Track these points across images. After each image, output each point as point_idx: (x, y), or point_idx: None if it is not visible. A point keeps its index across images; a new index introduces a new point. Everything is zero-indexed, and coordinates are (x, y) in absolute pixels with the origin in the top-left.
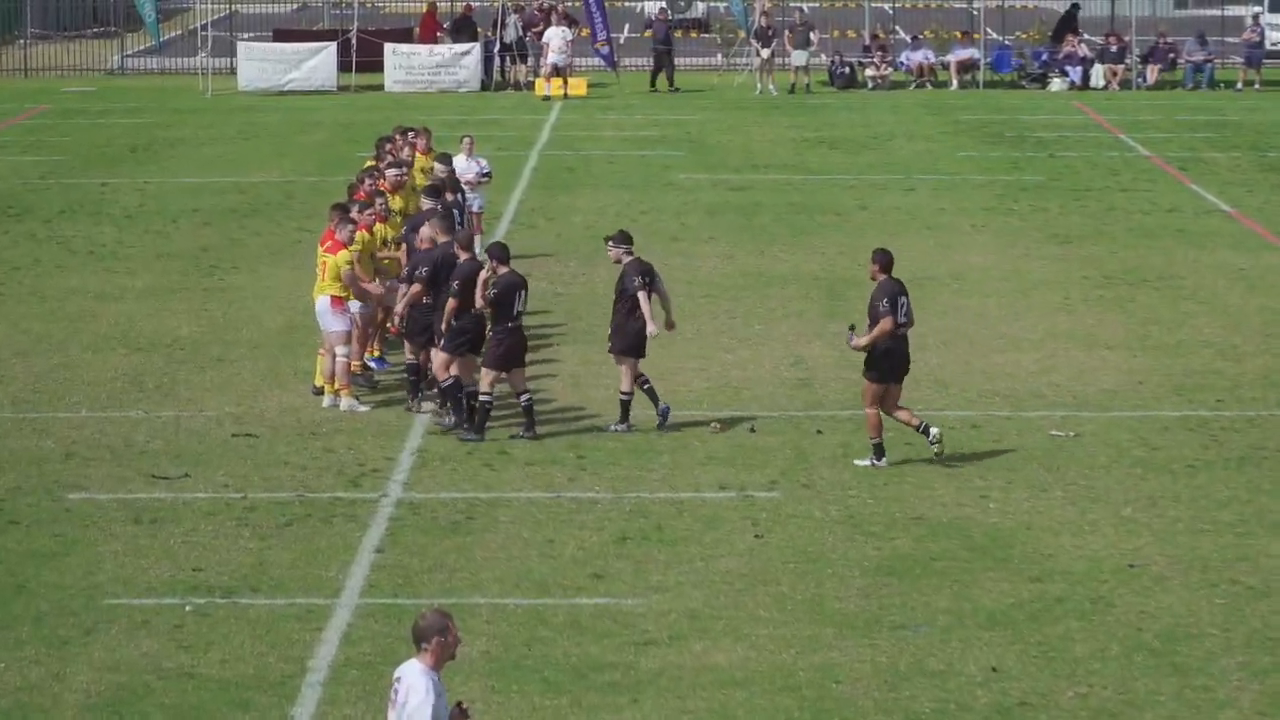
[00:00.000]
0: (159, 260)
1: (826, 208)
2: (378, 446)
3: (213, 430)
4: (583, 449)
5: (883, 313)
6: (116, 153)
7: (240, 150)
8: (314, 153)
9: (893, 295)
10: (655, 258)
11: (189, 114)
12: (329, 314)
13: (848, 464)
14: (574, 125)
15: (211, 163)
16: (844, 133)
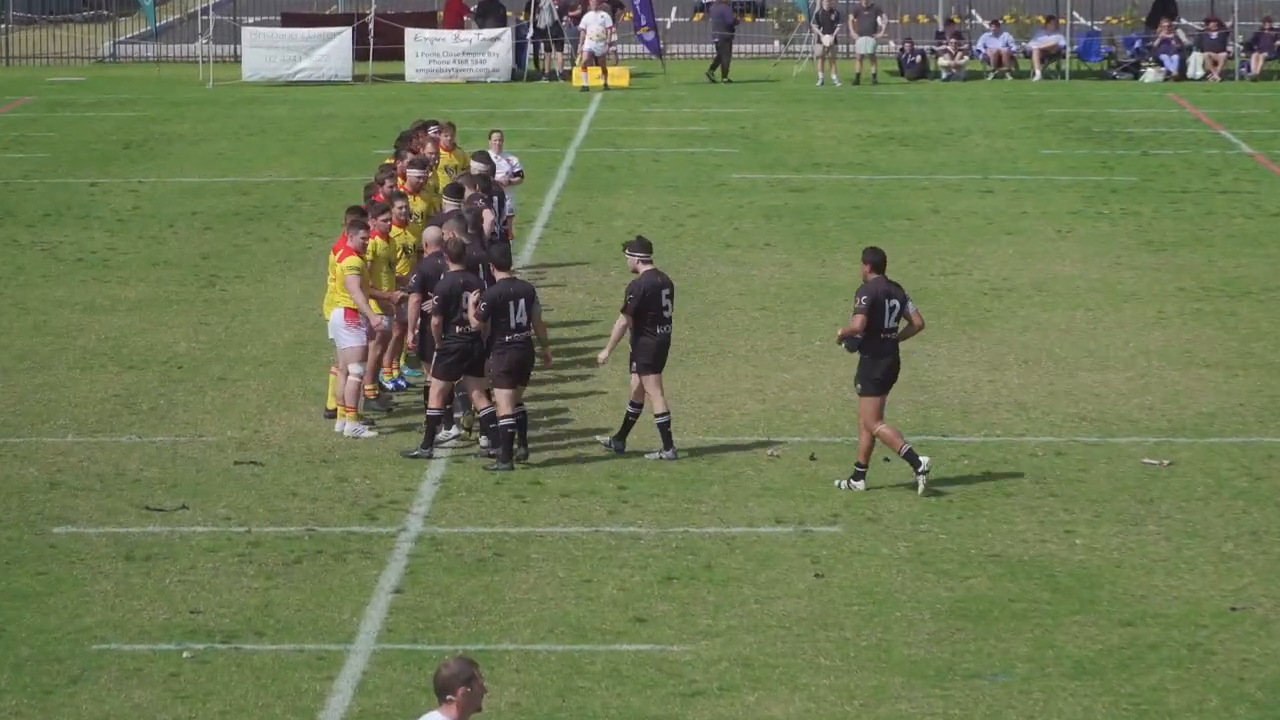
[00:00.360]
0: (154, 269)
1: (895, 211)
2: (396, 476)
3: (213, 457)
4: (624, 479)
5: (857, 310)
6: (108, 149)
7: (245, 147)
8: (326, 150)
9: (876, 295)
10: (705, 265)
11: (188, 107)
12: (343, 328)
13: (917, 495)
14: (615, 119)
15: (213, 161)
16: (915, 128)
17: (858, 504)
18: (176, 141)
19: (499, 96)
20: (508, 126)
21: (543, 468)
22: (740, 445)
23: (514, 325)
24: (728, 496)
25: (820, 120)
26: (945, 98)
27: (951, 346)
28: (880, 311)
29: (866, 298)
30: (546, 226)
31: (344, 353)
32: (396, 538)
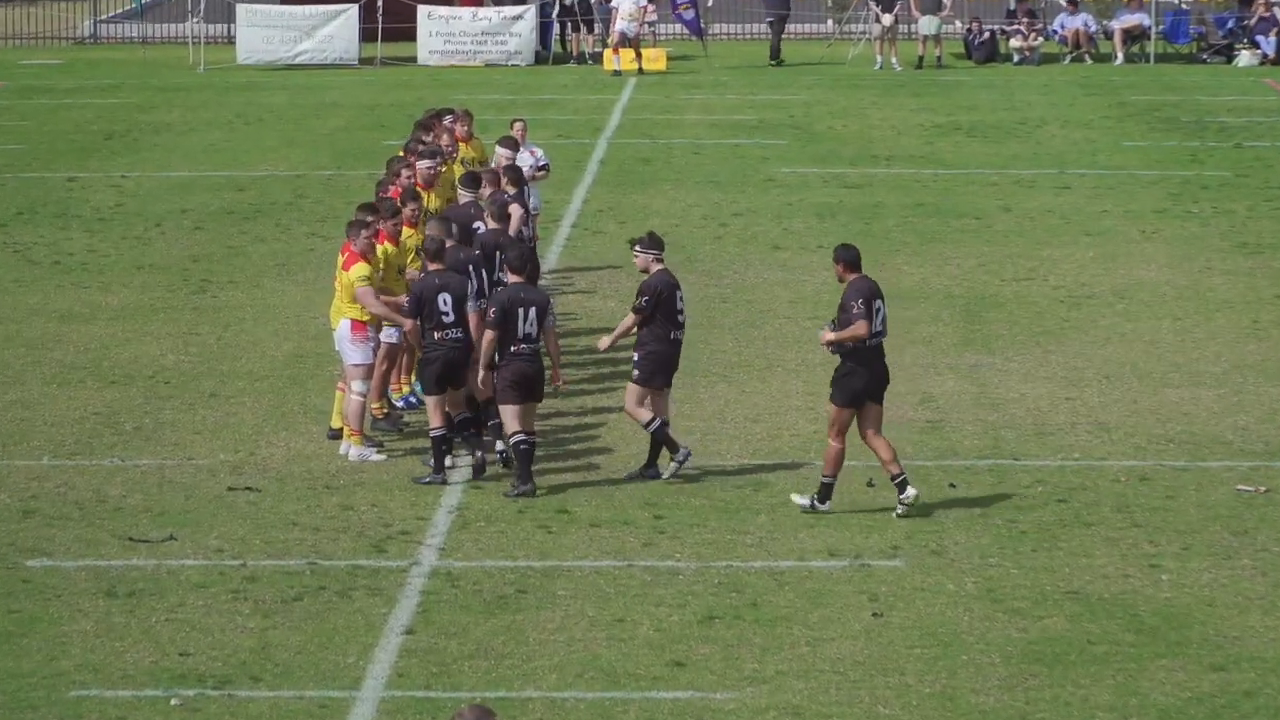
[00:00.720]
0: (139, 273)
1: (962, 209)
2: (407, 503)
3: (204, 483)
4: (661, 507)
5: (856, 315)
6: (88, 140)
7: (240, 138)
8: (330, 141)
9: (868, 296)
10: (752, 270)
11: (177, 93)
12: (349, 341)
13: (987, 525)
14: (651, 107)
15: (204, 153)
16: (983, 117)
17: (921, 534)
18: (164, 131)
19: (522, 81)
20: (531, 115)
21: (570, 495)
22: (790, 469)
23: (521, 335)
24: (776, 527)
25: (879, 108)
26: (1017, 83)
27: (1024, 360)
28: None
29: (863, 300)
30: (574, 226)
31: (349, 369)
32: (408, 572)
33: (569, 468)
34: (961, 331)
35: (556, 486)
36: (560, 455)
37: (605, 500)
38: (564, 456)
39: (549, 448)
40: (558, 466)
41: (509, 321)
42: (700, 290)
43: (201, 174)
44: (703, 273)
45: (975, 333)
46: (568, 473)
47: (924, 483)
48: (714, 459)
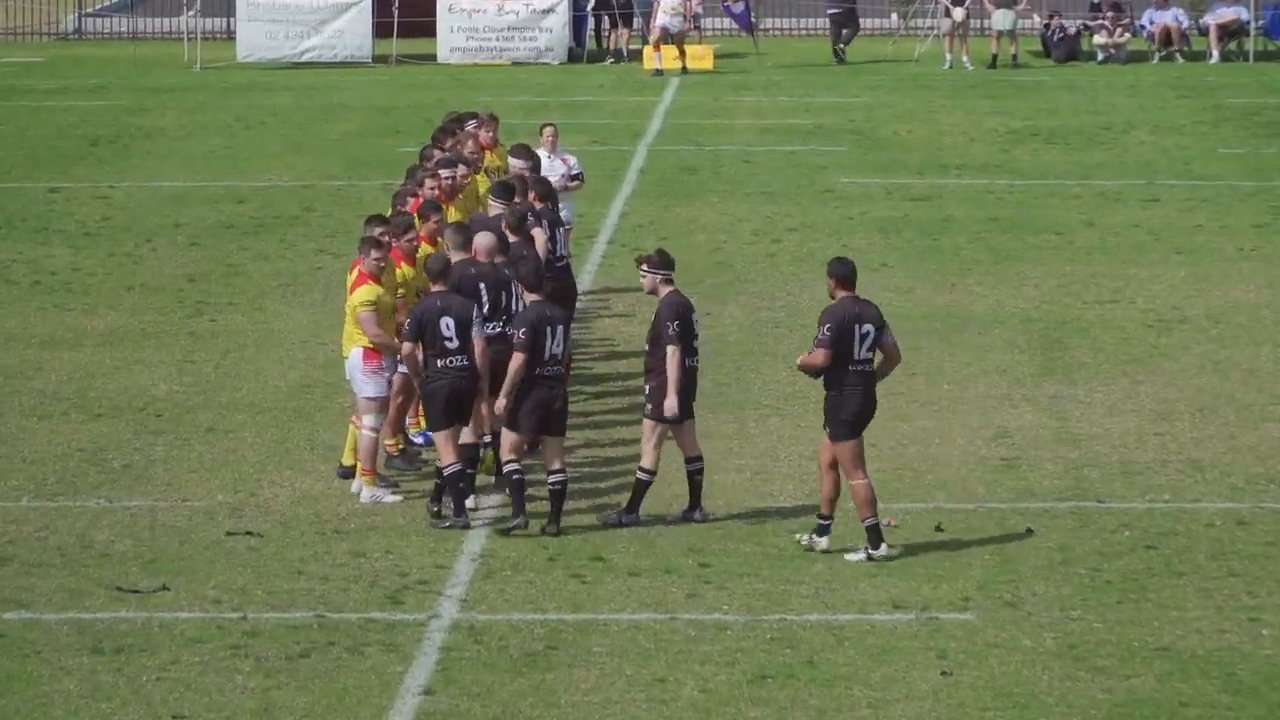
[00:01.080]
0: (128, 294)
1: (1041, 224)
2: (425, 550)
3: (201, 526)
4: (707, 554)
5: (819, 341)
6: (72, 147)
7: (240, 144)
8: (340, 148)
9: (844, 320)
10: (807, 291)
11: (170, 94)
12: (360, 372)
13: (1067, 575)
14: (696, 110)
15: (201, 161)
16: (1064, 121)
17: (994, 584)
18: (156, 137)
19: (553, 82)
20: (563, 119)
21: (606, 540)
22: (848, 512)
23: (549, 356)
24: (834, 576)
25: (948, 112)
26: (1101, 84)
27: (1109, 391)
28: (848, 339)
29: (831, 325)
30: (611, 243)
31: (361, 402)
32: (426, 626)
33: (603, 507)
34: (1040, 360)
35: (590, 530)
36: (594, 493)
37: (645, 546)
38: (598, 494)
39: (581, 486)
40: (590, 506)
41: (539, 342)
42: (751, 314)
43: (198, 184)
44: (754, 294)
45: (1055, 361)
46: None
47: (997, 527)
48: (766, 500)
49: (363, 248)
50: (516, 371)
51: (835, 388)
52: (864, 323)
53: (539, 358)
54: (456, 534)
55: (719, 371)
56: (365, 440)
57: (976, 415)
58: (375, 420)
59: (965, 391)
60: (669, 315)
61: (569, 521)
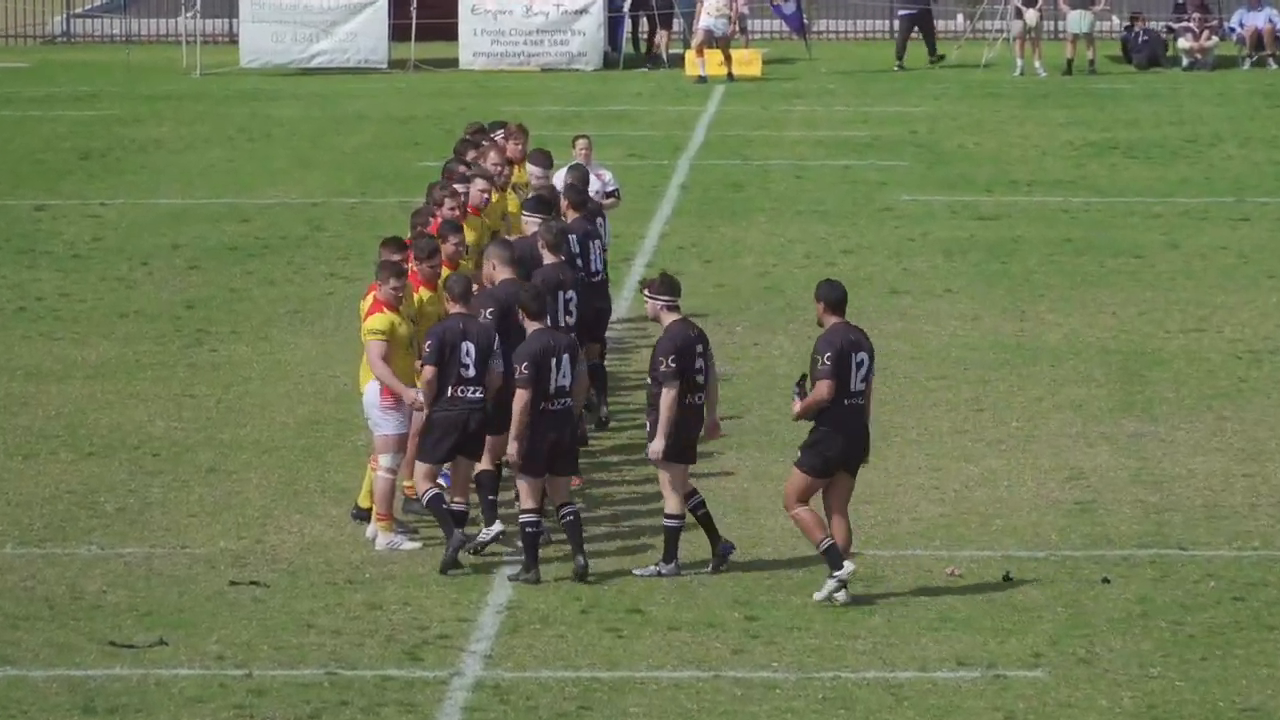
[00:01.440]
0: (122, 321)
1: (1119, 246)
2: (447, 601)
3: (201, 576)
4: (754, 606)
5: (821, 373)
6: (60, 160)
7: (244, 158)
8: (354, 161)
9: (842, 348)
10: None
11: (167, 102)
12: (378, 409)
13: (1147, 629)
14: (743, 121)
15: (201, 176)
16: (1145, 133)
17: (1068, 639)
18: (152, 150)
19: (586, 90)
20: (597, 131)
21: (644, 590)
22: (910, 560)
23: (555, 388)
24: (893, 630)
25: (1019, 123)
26: (1186, 92)
27: (1193, 429)
28: (845, 369)
29: (832, 355)
30: (650, 265)
31: (378, 441)
32: (448, 684)
33: (639, 551)
34: (1118, 394)
35: (624, 578)
36: (627, 533)
37: (686, 598)
38: (632, 533)
39: (619, 528)
40: (625, 550)
41: (543, 376)
42: (802, 345)
43: (197, 201)
44: (805, 323)
45: (1134, 395)
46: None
47: (1070, 577)
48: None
49: (380, 273)
50: (523, 411)
51: (827, 423)
52: (859, 351)
53: (544, 391)
54: (480, 585)
55: (767, 407)
56: (381, 482)
57: (1048, 455)
58: (392, 460)
59: (1036, 429)
60: (665, 349)
61: (600, 567)
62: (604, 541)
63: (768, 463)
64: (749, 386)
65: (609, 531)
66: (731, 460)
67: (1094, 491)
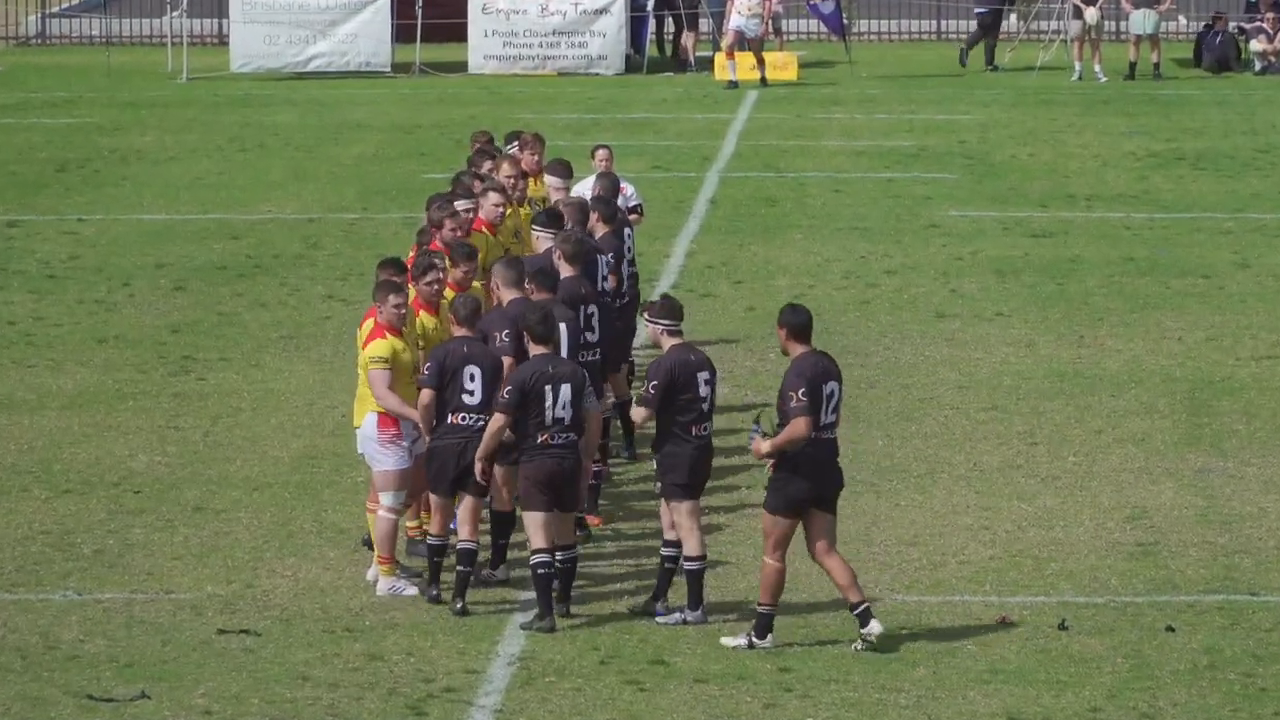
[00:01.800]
0: (101, 347)
1: (1186, 266)
2: (453, 651)
3: (187, 623)
4: (787, 658)
5: (795, 409)
6: (34, 173)
7: (234, 169)
8: (355, 174)
9: (813, 379)
10: (909, 345)
11: (151, 110)
12: (375, 443)
13: (1215, 681)
14: (777, 130)
15: (187, 189)
16: (1214, 143)
17: (1128, 692)
18: (134, 161)
19: (607, 96)
20: (618, 140)
21: (668, 639)
22: (957, 607)
23: (551, 420)
24: (938, 682)
25: (1077, 131)
26: (1259, 98)
27: (1265, 464)
28: (817, 401)
29: (806, 388)
30: (675, 287)
31: (376, 478)
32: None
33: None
34: (1184, 426)
35: (647, 626)
36: (649, 574)
37: (714, 648)
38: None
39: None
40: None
41: (529, 405)
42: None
43: (183, 217)
44: (844, 349)
45: (1202, 428)
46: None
47: (1131, 625)
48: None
49: (379, 294)
50: (494, 435)
51: (792, 458)
52: (830, 380)
53: (538, 423)
54: (491, 632)
55: None
56: (382, 523)
57: (1108, 492)
58: (394, 499)
59: (1095, 464)
60: (655, 371)
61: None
62: (622, 582)
63: None
64: None
65: (628, 571)
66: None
67: (1158, 532)
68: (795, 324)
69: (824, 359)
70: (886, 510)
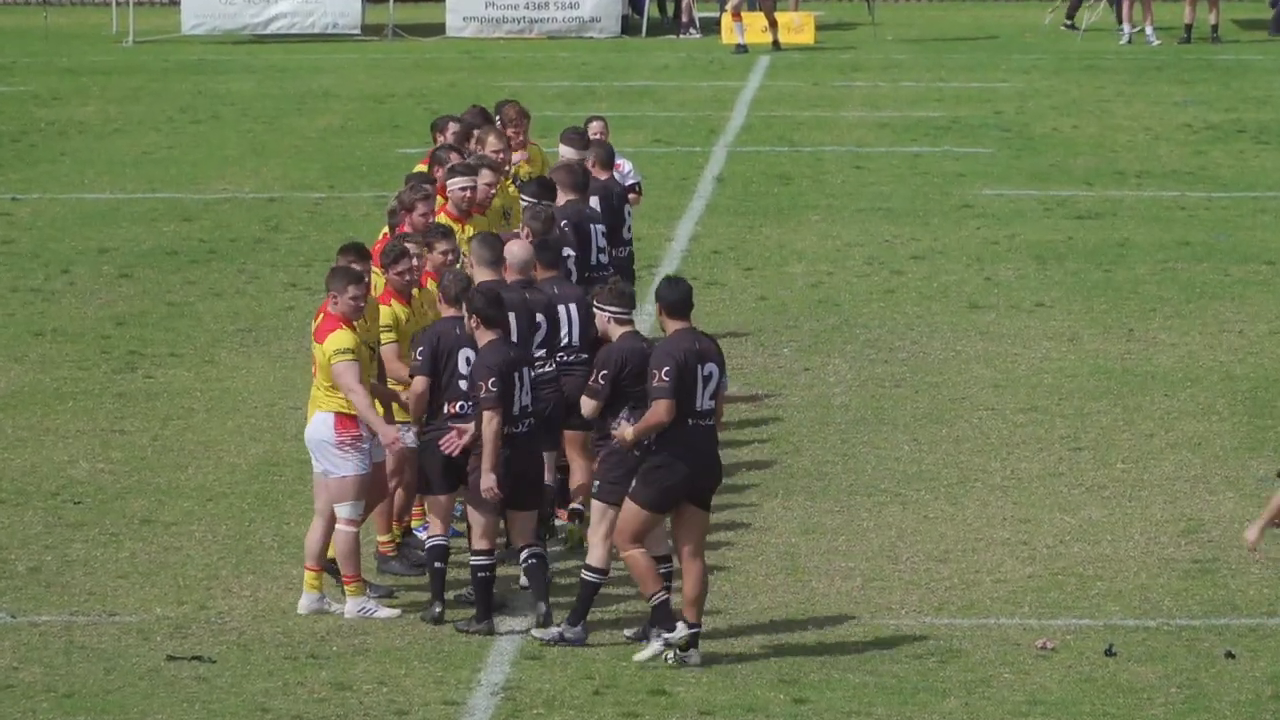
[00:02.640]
0: (37, 341)
1: (1247, 250)
2: (430, 680)
3: (133, 649)
4: (803, 686)
5: (658, 390)
6: None
7: (186, 143)
8: (320, 148)
9: (684, 360)
10: (939, 339)
11: (94, 77)
12: (332, 446)
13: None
14: (790, 99)
15: (134, 166)
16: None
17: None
18: (74, 134)
19: (602, 62)
20: (615, 112)
21: (670, 668)
22: (993, 631)
23: (518, 410)
24: (971, 715)
25: (1126, 101)
26: None
27: None
28: (689, 384)
29: (670, 368)
30: (678, 273)
31: (331, 485)
32: None
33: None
34: (1245, 429)
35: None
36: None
37: (721, 676)
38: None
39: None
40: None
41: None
42: (863, 369)
43: (129, 196)
44: (866, 343)
45: (1265, 432)
46: None
47: (1186, 649)
48: (882, 615)
49: (334, 283)
50: (496, 435)
51: (666, 447)
52: (707, 362)
53: (506, 412)
54: (473, 661)
55: (820, 446)
56: (344, 537)
57: (1161, 503)
58: (353, 510)
59: (1146, 472)
60: (604, 361)
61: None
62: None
63: (820, 513)
64: (798, 421)
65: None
66: (777, 510)
67: (1216, 548)
68: (672, 299)
69: (702, 339)
70: (914, 523)
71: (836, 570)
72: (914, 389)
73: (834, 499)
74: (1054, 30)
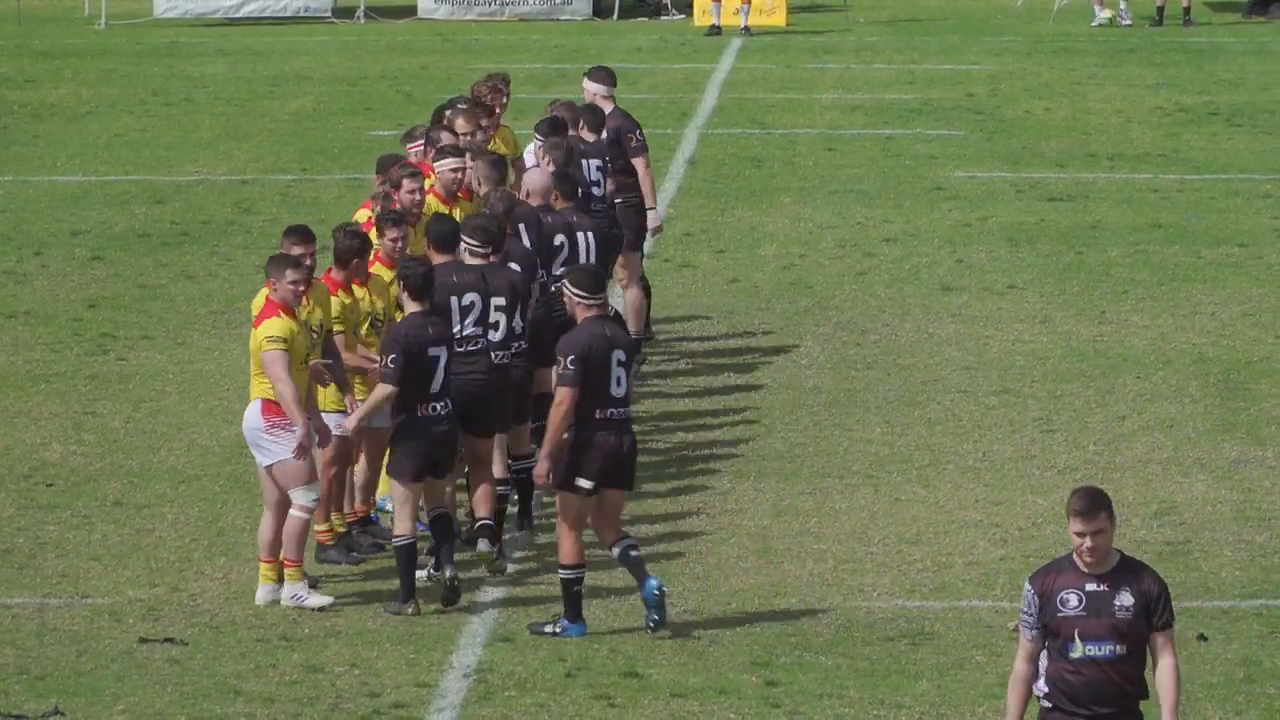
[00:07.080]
0: (9, 324)
1: (1220, 233)
2: (402, 662)
3: (105, 631)
4: (775, 669)
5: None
6: None
7: (159, 126)
8: (293, 131)
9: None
10: (911, 321)
11: (66, 59)
12: (264, 433)
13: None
14: (763, 82)
15: (106, 149)
16: (1252, 97)
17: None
18: (47, 117)
19: (573, 44)
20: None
21: (642, 648)
22: (965, 613)
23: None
24: (943, 698)
25: (1098, 84)
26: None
27: None
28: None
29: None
30: (651, 257)
31: (275, 474)
32: None
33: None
34: (1217, 412)
35: (619, 634)
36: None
37: (693, 658)
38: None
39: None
40: (620, 603)
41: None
42: (835, 351)
43: (102, 179)
44: (838, 325)
45: (1238, 414)
46: (637, 615)
47: None
48: (854, 597)
49: (273, 270)
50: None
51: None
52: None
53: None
54: (445, 644)
55: (792, 429)
56: (294, 522)
57: (1133, 486)
58: (305, 495)
59: (1118, 454)
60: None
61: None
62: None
63: (792, 495)
64: (770, 403)
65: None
66: (749, 492)
67: (1188, 530)
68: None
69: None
70: (885, 505)
71: (808, 552)
72: (886, 371)
73: (806, 481)
74: (1026, 13)
